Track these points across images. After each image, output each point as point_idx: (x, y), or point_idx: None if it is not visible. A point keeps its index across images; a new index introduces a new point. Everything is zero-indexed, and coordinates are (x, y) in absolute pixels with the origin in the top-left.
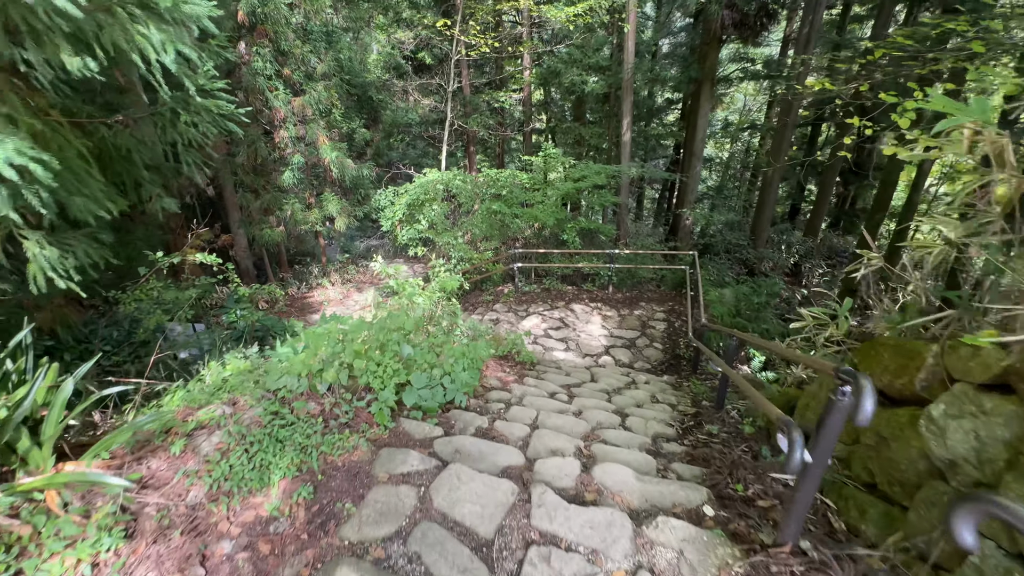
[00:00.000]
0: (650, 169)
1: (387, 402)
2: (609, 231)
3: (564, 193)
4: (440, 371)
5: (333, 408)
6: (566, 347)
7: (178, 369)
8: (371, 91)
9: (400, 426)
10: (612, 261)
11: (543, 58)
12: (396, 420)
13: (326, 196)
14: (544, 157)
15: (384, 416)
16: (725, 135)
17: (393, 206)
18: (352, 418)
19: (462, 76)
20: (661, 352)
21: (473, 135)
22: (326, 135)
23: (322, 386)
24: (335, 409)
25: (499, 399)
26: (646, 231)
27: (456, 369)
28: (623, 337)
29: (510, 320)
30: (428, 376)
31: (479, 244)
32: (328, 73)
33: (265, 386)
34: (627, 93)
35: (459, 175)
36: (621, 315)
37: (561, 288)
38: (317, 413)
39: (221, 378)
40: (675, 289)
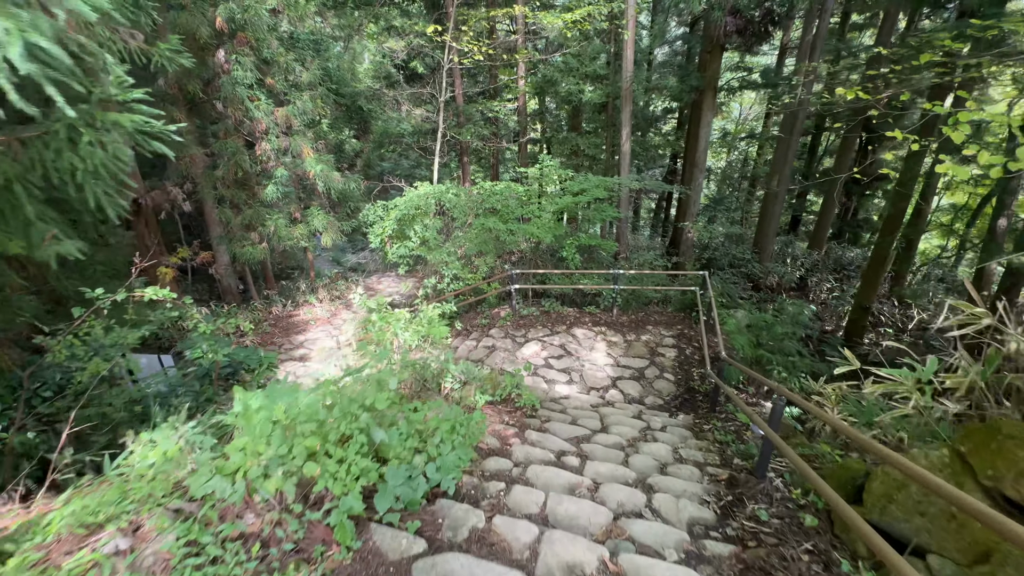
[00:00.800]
0: (651, 181)
1: (351, 510)
2: (610, 246)
3: (562, 207)
4: (424, 456)
5: (276, 526)
6: (569, 379)
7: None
8: (361, 101)
9: (369, 542)
10: (616, 282)
11: (538, 67)
12: (363, 533)
13: (312, 211)
14: (540, 169)
15: (347, 532)
16: (723, 144)
17: (382, 221)
18: (303, 537)
19: (455, 85)
20: (673, 384)
21: (467, 146)
22: (311, 147)
23: (263, 492)
24: (279, 528)
25: (498, 471)
26: (644, 243)
27: (445, 450)
28: (631, 367)
29: (507, 347)
30: (408, 467)
31: (474, 260)
32: (314, 82)
33: (189, 493)
34: (627, 102)
35: (452, 189)
36: (627, 341)
37: (561, 310)
38: (254, 533)
39: (132, 478)
40: (683, 311)
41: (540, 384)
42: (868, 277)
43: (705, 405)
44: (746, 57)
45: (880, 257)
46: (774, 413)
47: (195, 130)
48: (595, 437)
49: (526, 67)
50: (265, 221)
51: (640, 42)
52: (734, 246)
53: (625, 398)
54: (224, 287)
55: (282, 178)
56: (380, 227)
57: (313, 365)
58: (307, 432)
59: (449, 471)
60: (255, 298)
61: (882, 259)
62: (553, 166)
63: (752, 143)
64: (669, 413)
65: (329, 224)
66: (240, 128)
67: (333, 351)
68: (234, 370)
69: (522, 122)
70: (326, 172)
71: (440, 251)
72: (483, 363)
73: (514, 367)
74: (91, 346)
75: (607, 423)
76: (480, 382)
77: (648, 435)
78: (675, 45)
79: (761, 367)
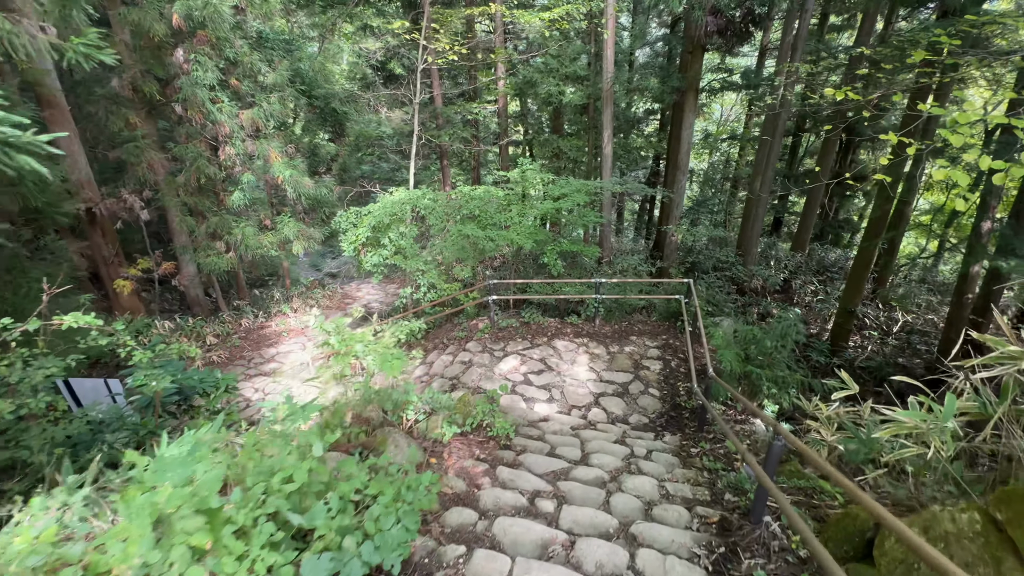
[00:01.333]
0: (634, 184)
1: None
2: (592, 252)
3: (543, 213)
4: (359, 535)
5: None
6: (549, 397)
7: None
8: (335, 103)
9: None
10: (598, 291)
11: (518, 68)
12: None
13: (282, 218)
14: (521, 172)
15: None
16: (704, 146)
17: (356, 229)
18: None
19: (433, 87)
20: (658, 400)
21: (447, 149)
22: (280, 151)
23: None
24: None
25: (460, 527)
26: (628, 246)
27: (387, 523)
28: (614, 381)
29: (485, 362)
30: (336, 555)
31: (452, 268)
32: (282, 84)
33: None
34: (607, 103)
35: (428, 194)
36: (610, 352)
37: (542, 321)
38: None
39: None
40: (668, 319)
41: (518, 404)
42: (852, 280)
43: (692, 424)
44: (727, 59)
45: (864, 260)
46: (771, 455)
47: (156, 134)
48: (574, 471)
49: (506, 68)
50: (232, 229)
51: (621, 43)
52: (718, 249)
53: (608, 417)
54: (192, 298)
55: (249, 184)
56: (353, 235)
57: (284, 380)
58: (192, 529)
59: (392, 549)
60: (224, 309)
61: (866, 262)
62: (533, 169)
63: (734, 144)
64: (654, 433)
65: (301, 232)
66: (203, 132)
67: (306, 365)
68: (185, 396)
69: (502, 124)
70: (296, 177)
71: (416, 259)
72: (458, 380)
73: (491, 384)
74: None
75: (588, 450)
76: (449, 411)
77: (632, 465)
78: (656, 46)
79: (751, 382)
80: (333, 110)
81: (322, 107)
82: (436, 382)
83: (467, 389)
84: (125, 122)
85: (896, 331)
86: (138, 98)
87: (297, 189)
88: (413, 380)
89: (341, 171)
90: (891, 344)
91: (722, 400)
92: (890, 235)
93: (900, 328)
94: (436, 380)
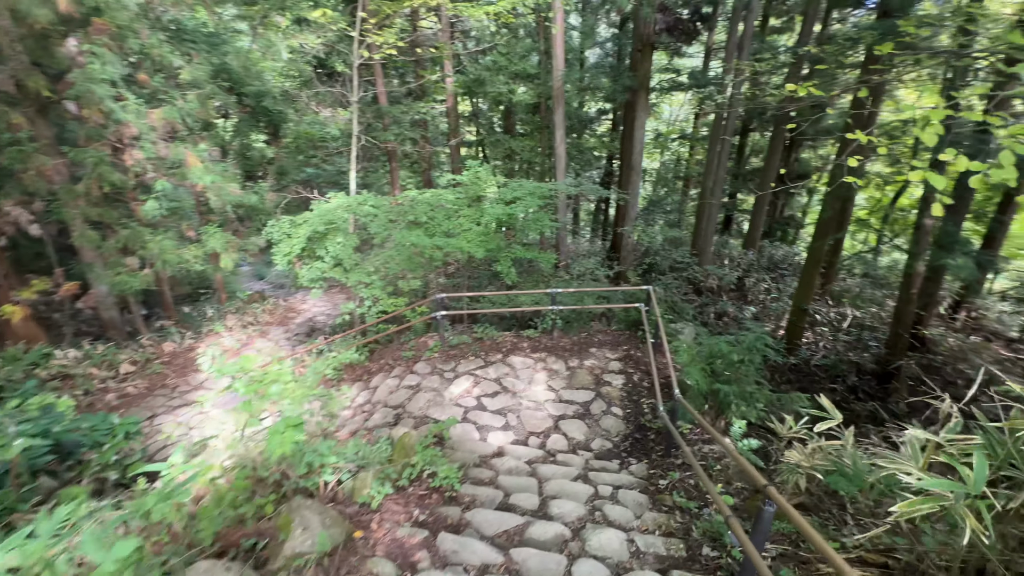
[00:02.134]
0: (588, 186)
1: None
2: (549, 259)
3: (495, 218)
4: None
5: None
6: (505, 423)
7: None
8: (267, 101)
9: None
10: (554, 301)
11: (467, 66)
12: None
13: (208, 229)
14: (472, 175)
15: None
16: (656, 145)
17: (290, 239)
18: None
19: (377, 85)
20: (622, 420)
21: (395, 150)
22: (201, 154)
23: None
24: None
25: None
26: (585, 247)
27: None
28: (574, 401)
29: (433, 386)
30: None
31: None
32: (200, 80)
33: None
34: (558, 102)
35: (369, 200)
36: (569, 367)
37: (497, 336)
38: None
39: None
40: (628, 328)
41: (471, 434)
42: (805, 278)
43: (659, 447)
44: (674, 59)
45: (815, 258)
46: (760, 524)
47: (51, 137)
48: (531, 529)
49: (452, 65)
50: (146, 243)
51: (571, 42)
52: (674, 249)
53: (569, 444)
54: (106, 321)
55: (164, 191)
56: (287, 246)
57: (213, 412)
58: None
59: None
60: (144, 332)
61: (817, 260)
62: (485, 171)
63: (684, 143)
64: (620, 461)
65: (230, 243)
66: (105, 133)
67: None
68: (69, 451)
69: (452, 124)
70: (219, 183)
71: (358, 272)
72: (404, 409)
73: (441, 412)
74: None
75: (547, 493)
76: (382, 464)
77: (597, 512)
78: (606, 47)
79: (718, 399)
80: (266, 109)
81: (254, 106)
82: (379, 412)
83: (413, 419)
84: (7, 123)
85: (846, 326)
86: (23, 95)
87: (221, 196)
88: (354, 411)
89: (279, 175)
90: (842, 340)
91: (690, 421)
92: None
93: (849, 323)
94: (379, 409)
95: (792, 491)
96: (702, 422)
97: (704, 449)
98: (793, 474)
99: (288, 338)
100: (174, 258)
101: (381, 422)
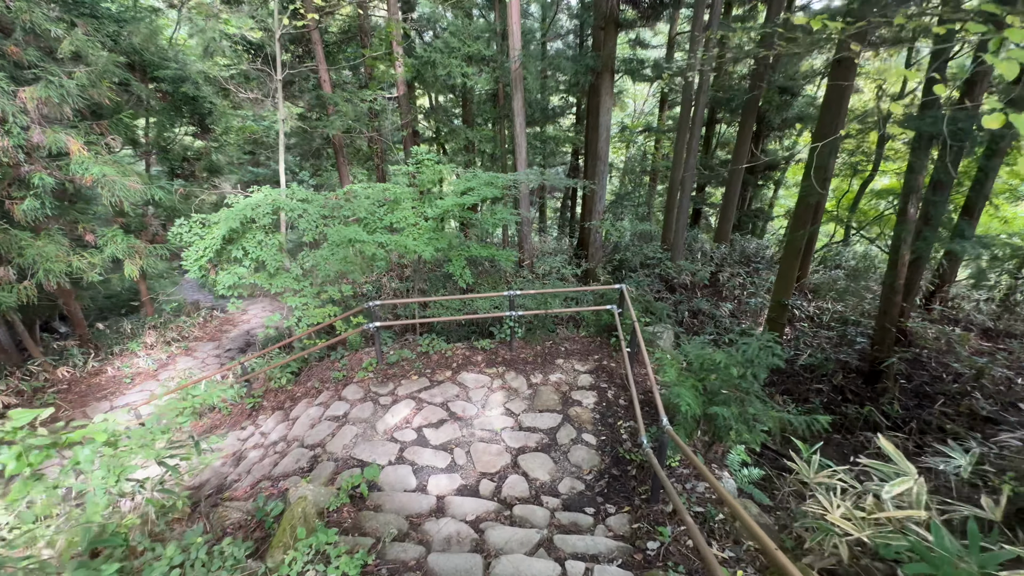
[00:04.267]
0: (552, 176)
1: None
2: (509, 256)
3: (444, 212)
4: None
5: None
6: (451, 462)
7: None
8: (187, 87)
9: None
10: (512, 306)
11: (415, 46)
12: None
13: (107, 232)
14: (416, 164)
15: None
16: (621, 139)
17: (202, 241)
18: None
19: (319, 71)
20: (596, 451)
21: (340, 142)
22: (93, 143)
23: None
24: None
25: None
26: (552, 246)
27: None
28: (537, 428)
29: (364, 415)
30: None
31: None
32: (86, 53)
33: None
34: (517, 87)
35: (298, 192)
36: (532, 384)
37: (446, 349)
38: None
39: None
40: (599, 334)
41: (405, 480)
42: (783, 272)
43: (643, 486)
44: (637, 50)
45: (793, 250)
46: None
47: None
48: None
49: (400, 46)
50: (23, 249)
51: (530, 25)
52: (644, 244)
53: (530, 488)
54: None
55: (46, 186)
56: (198, 249)
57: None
58: None
59: None
60: (36, 355)
61: (795, 251)
62: (432, 159)
63: (649, 138)
64: (595, 510)
65: (135, 249)
66: None
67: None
68: None
69: (404, 112)
70: (111, 176)
71: (283, 277)
72: (324, 449)
73: (371, 451)
74: None
75: None
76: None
77: None
78: (568, 39)
79: (714, 426)
80: (187, 96)
81: (171, 92)
82: (293, 452)
83: (334, 462)
84: None
85: (827, 321)
86: None
87: (115, 191)
88: (265, 451)
89: (210, 172)
90: (824, 336)
91: (680, 458)
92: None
93: (830, 318)
94: (294, 449)
95: (826, 553)
96: (703, 470)
97: (699, 488)
98: (827, 535)
99: (218, 355)
100: (60, 267)
101: (293, 467)
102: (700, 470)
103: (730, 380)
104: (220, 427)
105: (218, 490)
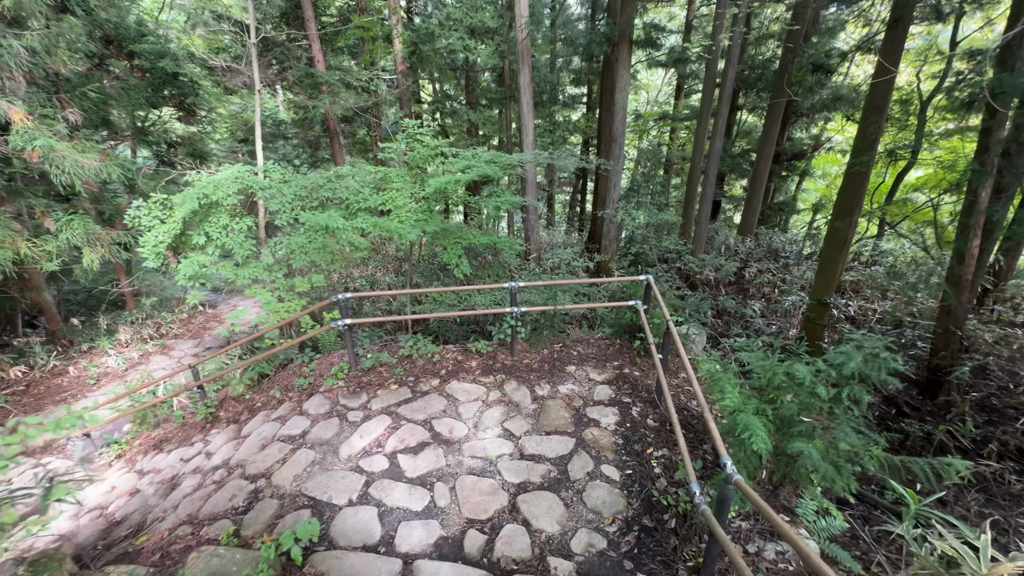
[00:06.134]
0: (562, 157)
1: None
2: (513, 244)
3: (437, 191)
4: None
5: None
6: (430, 502)
7: None
8: (166, 63)
9: None
10: (515, 300)
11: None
12: None
13: (64, 216)
14: (406, 139)
15: None
16: (635, 128)
17: (162, 225)
18: None
19: (313, 51)
20: (620, 490)
21: (335, 124)
22: (32, 112)
23: None
24: None
25: None
26: (561, 239)
27: None
28: (544, 456)
29: (326, 436)
30: None
31: (318, 271)
32: (31, 9)
33: None
34: (524, 60)
35: (273, 170)
36: (536, 397)
37: (433, 352)
38: None
39: None
40: (619, 336)
41: (367, 529)
42: (824, 266)
43: (687, 549)
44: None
45: (838, 240)
46: None
47: None
48: None
49: (399, 18)
50: None
51: None
52: (661, 237)
53: (533, 547)
54: None
55: None
56: (158, 233)
57: (66, 463)
58: None
59: None
60: None
61: (841, 242)
62: (425, 134)
63: (665, 126)
64: None
65: (95, 236)
66: None
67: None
68: None
69: (402, 92)
70: (61, 151)
71: (252, 266)
72: (269, 480)
73: (328, 485)
74: None
75: None
76: None
77: None
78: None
79: (787, 465)
80: (166, 73)
81: (148, 68)
82: (231, 484)
83: (278, 500)
84: None
85: (873, 322)
86: None
87: (64, 167)
88: (203, 478)
89: (197, 158)
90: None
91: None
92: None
93: (876, 319)
94: (233, 479)
95: None
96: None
97: (769, 553)
98: None
99: (196, 354)
100: (7, 254)
101: (225, 506)
102: (789, 539)
103: (814, 404)
104: (171, 439)
105: (136, 530)
